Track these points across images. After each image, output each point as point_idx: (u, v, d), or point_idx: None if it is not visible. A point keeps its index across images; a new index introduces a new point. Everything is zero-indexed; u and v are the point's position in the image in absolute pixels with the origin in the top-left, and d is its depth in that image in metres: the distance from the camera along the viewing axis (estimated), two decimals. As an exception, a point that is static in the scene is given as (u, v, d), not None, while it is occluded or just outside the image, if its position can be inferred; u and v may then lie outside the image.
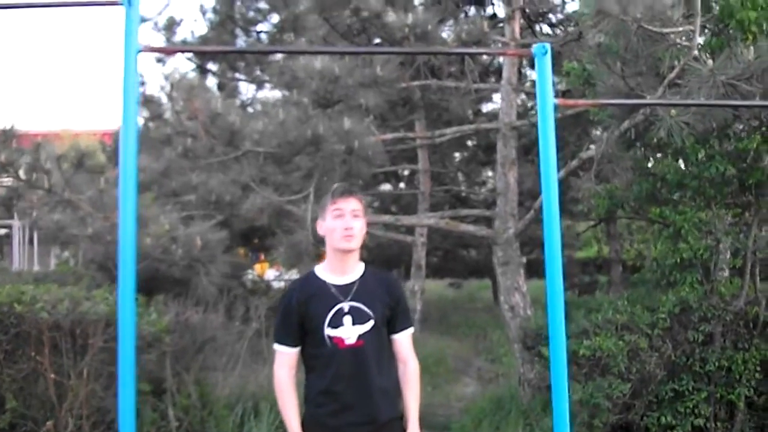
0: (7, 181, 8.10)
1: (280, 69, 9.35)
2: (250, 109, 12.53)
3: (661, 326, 6.18)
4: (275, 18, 12.85)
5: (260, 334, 7.96)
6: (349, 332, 3.26)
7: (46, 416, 5.73)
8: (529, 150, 11.69)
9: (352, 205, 3.34)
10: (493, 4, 11.50)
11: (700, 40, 5.67)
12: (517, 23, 8.99)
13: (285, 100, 8.96)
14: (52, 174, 7.21)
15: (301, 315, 3.32)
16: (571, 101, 4.58)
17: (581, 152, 7.42)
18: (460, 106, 9.37)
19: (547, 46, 3.22)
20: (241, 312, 7.83)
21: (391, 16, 7.06)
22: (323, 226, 3.39)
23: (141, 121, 10.88)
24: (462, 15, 10.36)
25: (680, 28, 5.27)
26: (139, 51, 3.18)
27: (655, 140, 6.00)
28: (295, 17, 8.83)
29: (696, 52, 5.39)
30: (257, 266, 17.85)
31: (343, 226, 3.29)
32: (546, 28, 11.48)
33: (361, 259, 3.47)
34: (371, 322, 3.29)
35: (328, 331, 3.26)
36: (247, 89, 14.61)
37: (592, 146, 7.52)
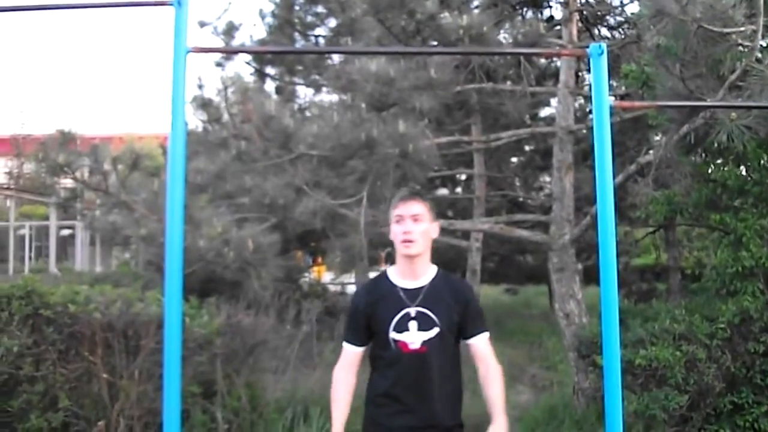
0: (69, 183, 8.26)
1: (337, 72, 9.38)
2: (307, 113, 12.57)
3: (720, 336, 5.98)
4: (332, 22, 12.90)
5: (311, 338, 7.96)
6: (413, 337, 3.26)
7: (98, 416, 5.78)
8: (587, 155, 11.50)
9: (413, 209, 3.34)
10: (550, 7, 11.34)
11: (763, 41, 5.47)
12: (575, 26, 8.85)
13: (340, 103, 8.97)
14: (109, 176, 7.34)
15: (367, 316, 3.36)
16: (627, 103, 4.48)
17: (639, 157, 7.25)
18: (516, 110, 9.26)
19: (603, 45, 3.13)
20: (293, 315, 7.82)
21: (446, 18, 7.00)
22: (390, 231, 3.42)
23: (200, 124, 10.99)
24: (519, 17, 10.23)
25: (742, 29, 5.08)
26: (188, 51, 3.18)
27: (715, 145, 5.82)
28: (351, 21, 8.83)
29: (758, 54, 5.21)
30: (315, 269, 17.96)
31: (402, 231, 3.31)
32: (604, 31, 11.27)
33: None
34: (436, 329, 3.26)
35: (393, 335, 3.27)
36: (304, 93, 14.68)
37: (651, 151, 7.35)
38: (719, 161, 6.85)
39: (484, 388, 3.33)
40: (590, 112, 10.85)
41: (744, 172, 6.54)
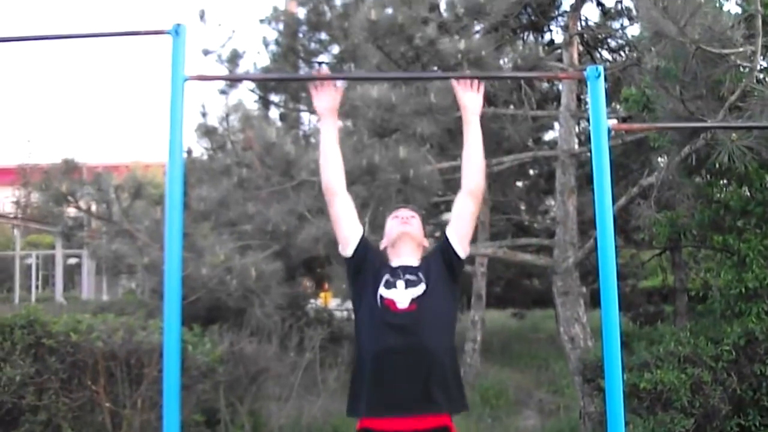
0: (74, 211, 8.29)
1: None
2: (312, 140, 12.59)
3: (725, 359, 5.94)
4: (336, 49, 12.95)
5: (315, 365, 7.92)
6: (401, 296, 3.20)
7: (101, 446, 5.77)
8: (591, 178, 11.47)
9: (408, 213, 3.49)
10: (551, 31, 11.38)
11: (762, 62, 5.48)
12: (575, 49, 8.89)
13: (342, 129, 8.99)
14: (112, 204, 7.35)
15: (369, 256, 3.35)
16: (625, 125, 4.49)
17: (642, 179, 7.24)
18: (518, 134, 9.26)
19: (600, 68, 3.15)
20: (296, 342, 7.79)
21: (444, 43, 7.02)
22: (385, 236, 3.47)
23: (204, 152, 11.01)
24: (519, 42, 10.26)
25: (741, 49, 5.09)
26: (186, 80, 3.21)
27: (717, 166, 5.81)
28: (354, 47, 8.86)
29: (758, 74, 5.21)
30: (321, 295, 17.90)
31: (401, 220, 3.43)
32: (606, 54, 11.30)
33: None
34: (422, 286, 3.21)
35: (381, 291, 3.22)
36: (309, 120, 14.70)
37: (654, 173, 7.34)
38: (722, 182, 6.84)
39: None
40: (593, 134, 10.85)
41: (747, 193, 6.52)
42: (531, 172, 15.19)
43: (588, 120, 10.93)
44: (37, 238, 26.61)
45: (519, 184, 16.15)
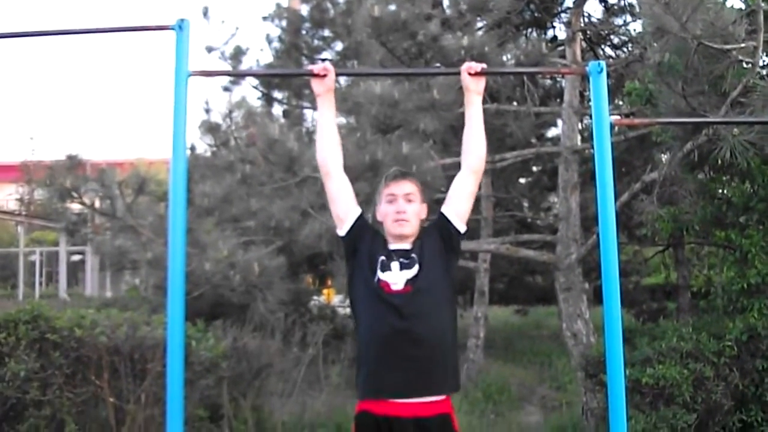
0: (77, 207, 8.31)
1: (343, 95, 9.41)
2: (315, 136, 12.58)
3: (727, 354, 5.94)
4: (339, 46, 12.94)
5: (318, 360, 7.93)
6: (396, 277, 3.19)
7: (105, 440, 5.79)
8: (593, 175, 11.45)
9: (405, 188, 3.34)
10: (554, 27, 11.38)
11: (765, 57, 5.48)
12: (578, 45, 8.90)
13: (345, 126, 9.00)
14: (116, 200, 7.37)
15: (366, 237, 3.32)
16: (627, 120, 4.50)
17: (644, 175, 7.24)
18: (521, 130, 9.26)
19: (602, 64, 3.16)
20: (299, 338, 7.81)
21: (447, 40, 7.03)
22: (379, 211, 3.38)
23: (207, 148, 11.03)
24: (522, 38, 10.27)
25: (743, 45, 5.09)
26: (189, 75, 3.23)
27: (719, 162, 5.81)
28: (357, 44, 8.87)
29: (760, 70, 5.22)
30: (325, 292, 17.89)
31: (395, 210, 3.28)
32: (609, 51, 11.30)
33: None
34: (416, 267, 3.19)
35: (378, 273, 3.20)
36: (312, 116, 14.70)
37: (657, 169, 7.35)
38: (724, 178, 6.83)
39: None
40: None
41: (749, 189, 6.52)
42: (534, 168, 15.17)
43: (591, 116, 10.96)
44: (41, 234, 26.67)
45: (522, 180, 16.15)
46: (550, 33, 11.41)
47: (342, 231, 3.34)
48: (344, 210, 3.34)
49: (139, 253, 6.96)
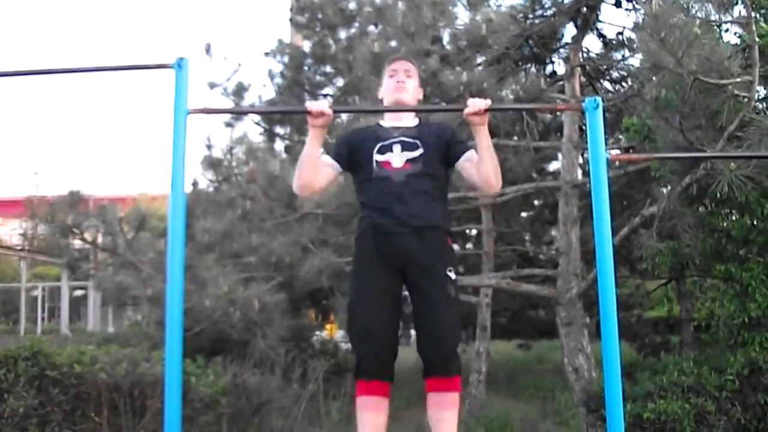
0: (79, 243, 8.33)
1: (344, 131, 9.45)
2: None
3: (729, 388, 5.91)
4: (340, 82, 13.02)
5: (318, 396, 7.89)
6: (396, 157, 3.43)
7: (104, 478, 5.75)
8: (594, 209, 11.45)
9: (405, 65, 3.72)
10: (553, 62, 11.44)
11: (761, 90, 5.51)
12: (577, 80, 8.95)
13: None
14: (117, 236, 7.39)
15: (351, 145, 3.61)
16: (624, 155, 4.52)
17: (644, 209, 7.25)
18: (521, 165, 9.28)
19: (599, 99, 3.18)
20: (299, 374, 7.78)
21: (446, 75, 7.08)
22: (381, 90, 3.77)
23: (209, 184, 11.04)
24: (522, 74, 10.32)
25: (738, 80, 5.12)
26: (188, 113, 3.26)
27: (718, 195, 5.82)
28: (358, 80, 8.93)
29: (756, 104, 5.24)
30: (327, 327, 17.82)
31: (396, 80, 3.65)
32: (608, 85, 11.34)
33: None
34: (420, 150, 3.44)
35: (377, 157, 3.44)
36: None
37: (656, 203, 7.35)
38: (723, 212, 6.84)
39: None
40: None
41: (748, 222, 6.52)
42: (535, 202, 15.18)
43: (590, 151, 10.99)
44: (44, 270, 26.65)
45: (523, 214, 16.14)
46: (549, 68, 11.48)
47: (342, 168, 3.59)
48: (336, 167, 3.59)
49: (139, 289, 6.97)
